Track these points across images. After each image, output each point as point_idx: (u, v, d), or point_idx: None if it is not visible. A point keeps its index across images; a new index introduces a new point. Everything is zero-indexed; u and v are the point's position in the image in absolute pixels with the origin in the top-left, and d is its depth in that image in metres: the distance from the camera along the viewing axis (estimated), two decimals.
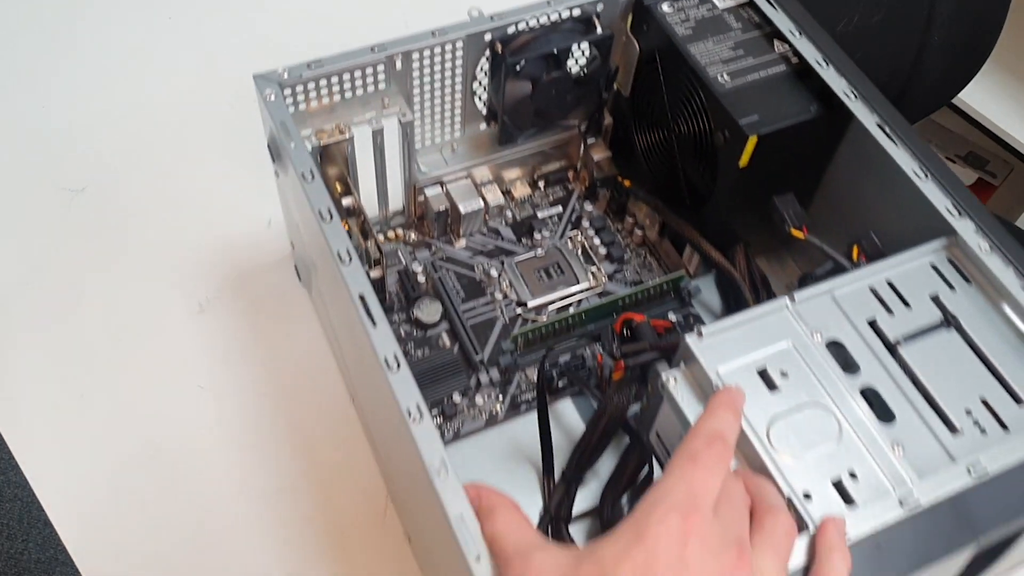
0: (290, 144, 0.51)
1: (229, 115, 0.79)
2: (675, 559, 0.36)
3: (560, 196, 0.71)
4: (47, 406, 0.64)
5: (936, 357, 0.48)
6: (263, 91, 0.53)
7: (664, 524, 0.36)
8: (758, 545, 0.39)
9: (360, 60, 0.56)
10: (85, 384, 0.65)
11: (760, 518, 0.40)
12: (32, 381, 0.65)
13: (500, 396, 0.61)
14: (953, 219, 0.52)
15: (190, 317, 0.68)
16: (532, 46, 0.60)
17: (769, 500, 0.41)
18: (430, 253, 0.67)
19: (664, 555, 0.36)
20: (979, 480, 0.43)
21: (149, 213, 0.74)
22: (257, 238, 0.72)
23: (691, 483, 0.39)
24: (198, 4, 0.88)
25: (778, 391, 0.46)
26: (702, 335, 0.48)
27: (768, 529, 0.39)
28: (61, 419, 0.63)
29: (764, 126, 0.56)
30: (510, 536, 0.39)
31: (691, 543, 0.36)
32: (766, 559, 0.38)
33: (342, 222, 0.49)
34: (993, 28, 0.88)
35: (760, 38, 0.61)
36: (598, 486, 0.58)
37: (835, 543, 0.40)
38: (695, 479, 0.39)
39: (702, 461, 0.39)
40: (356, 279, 0.47)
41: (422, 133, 0.64)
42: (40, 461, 0.61)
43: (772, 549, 0.39)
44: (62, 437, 0.63)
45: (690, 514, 0.37)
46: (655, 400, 0.50)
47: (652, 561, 0.35)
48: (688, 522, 0.37)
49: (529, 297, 0.65)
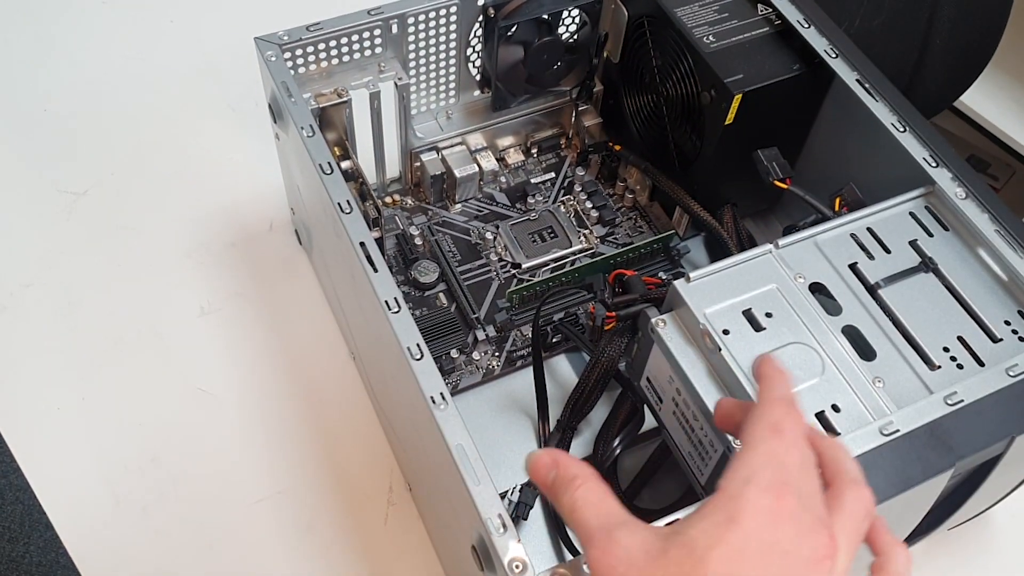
0: (291, 102, 0.53)
1: (233, 118, 0.80)
2: (768, 543, 0.34)
3: (553, 163, 0.73)
4: (49, 409, 0.64)
5: (915, 298, 0.50)
6: (264, 52, 0.55)
7: (757, 505, 0.34)
8: (838, 523, 0.36)
9: (357, 23, 0.57)
10: (87, 387, 0.65)
11: (840, 492, 0.37)
12: (34, 384, 0.65)
13: (496, 352, 0.63)
14: (931, 169, 0.54)
15: (192, 319, 0.69)
16: (523, 11, 0.62)
17: (849, 472, 0.38)
18: (427, 218, 0.69)
19: (756, 538, 0.33)
20: (956, 409, 0.45)
21: (151, 216, 0.74)
22: (259, 240, 0.73)
23: (781, 459, 0.36)
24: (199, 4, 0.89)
25: (764, 331, 0.48)
26: (690, 280, 0.49)
27: (849, 508, 0.36)
28: (63, 422, 0.64)
29: (748, 84, 0.58)
30: (592, 508, 0.36)
31: (784, 526, 0.34)
32: (843, 537, 0.35)
33: None
34: (995, 31, 0.88)
35: (743, 1, 0.63)
36: (592, 435, 0.60)
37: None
38: (784, 454, 0.36)
39: (787, 432, 0.37)
40: (356, 228, 0.48)
41: (417, 99, 0.66)
42: (42, 464, 0.62)
43: (853, 528, 0.36)
44: (64, 440, 0.63)
45: (783, 495, 0.35)
46: (645, 344, 0.52)
47: (744, 545, 0.33)
48: (780, 503, 0.34)
49: (523, 259, 0.67)
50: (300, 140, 0.52)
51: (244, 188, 0.75)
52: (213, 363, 0.66)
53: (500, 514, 0.40)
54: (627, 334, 0.56)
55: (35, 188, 0.75)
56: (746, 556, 0.33)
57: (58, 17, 0.87)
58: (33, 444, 0.63)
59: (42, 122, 0.80)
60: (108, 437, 0.63)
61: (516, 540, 0.40)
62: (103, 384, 0.65)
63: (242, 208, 0.74)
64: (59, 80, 0.83)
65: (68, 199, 0.75)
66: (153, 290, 0.70)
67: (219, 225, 0.73)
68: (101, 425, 0.64)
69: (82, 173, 0.76)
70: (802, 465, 0.36)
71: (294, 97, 0.53)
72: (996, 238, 0.51)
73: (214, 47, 0.85)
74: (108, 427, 0.64)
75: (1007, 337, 0.49)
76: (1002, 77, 1.13)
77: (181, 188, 0.76)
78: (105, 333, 0.68)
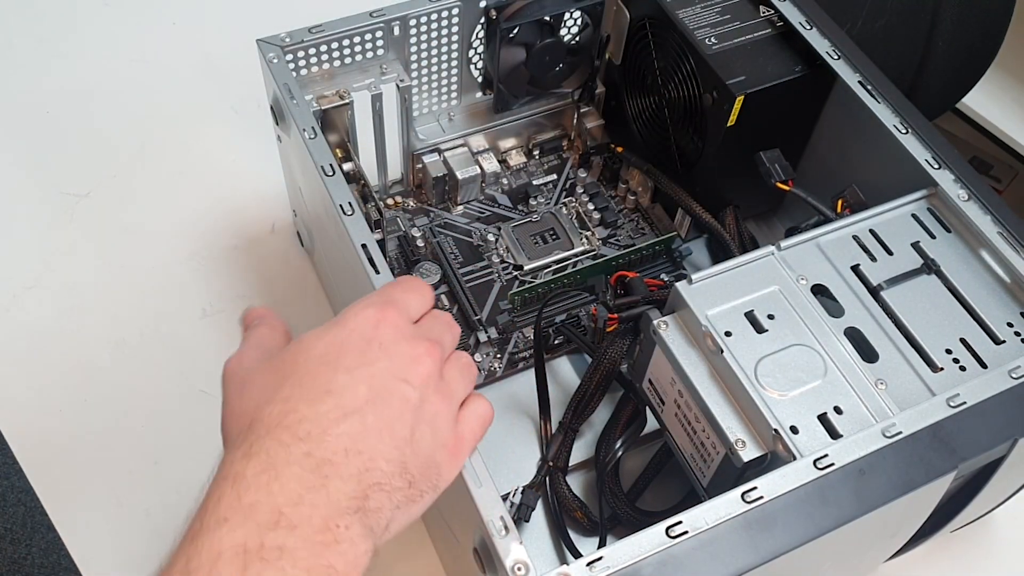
0: (293, 103, 0.53)
1: (235, 120, 0.80)
2: (367, 337, 0.39)
3: (555, 164, 0.73)
4: (52, 410, 0.64)
5: (917, 300, 0.50)
6: (266, 54, 0.55)
7: (361, 312, 0.40)
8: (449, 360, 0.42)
9: (359, 25, 0.57)
10: (89, 389, 0.65)
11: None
12: (37, 385, 0.65)
13: (499, 354, 0.63)
14: (933, 171, 0.54)
15: (194, 321, 0.69)
16: (525, 12, 0.62)
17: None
18: (428, 220, 0.69)
19: (357, 333, 0.39)
20: (958, 411, 0.45)
21: (153, 218, 0.74)
22: (262, 242, 0.73)
23: (388, 291, 0.43)
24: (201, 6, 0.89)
25: (766, 332, 0.48)
26: (692, 282, 0.49)
27: (454, 357, 0.42)
28: (66, 424, 0.64)
29: (750, 85, 0.58)
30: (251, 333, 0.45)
31: (383, 326, 0.40)
32: (454, 370, 0.41)
33: None
34: (997, 33, 0.88)
35: (746, 3, 0.63)
36: (594, 438, 0.59)
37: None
38: (392, 289, 0.43)
39: (401, 283, 0.44)
40: (358, 230, 0.48)
41: (419, 101, 0.66)
42: (44, 466, 0.62)
43: (459, 368, 0.42)
44: (66, 442, 0.63)
45: (386, 306, 0.40)
46: (647, 346, 0.52)
47: (345, 337, 0.39)
48: (383, 311, 0.40)
49: (525, 261, 0.67)
50: (302, 142, 0.52)
51: (246, 190, 0.75)
52: (216, 365, 0.66)
53: (502, 516, 0.40)
54: (629, 336, 0.56)
55: (37, 190, 0.75)
56: (346, 347, 0.39)
57: (60, 19, 0.87)
58: (36, 446, 0.63)
59: (44, 124, 0.80)
60: (111, 439, 0.63)
61: (518, 542, 0.40)
62: (105, 386, 0.65)
63: (244, 210, 0.74)
64: (61, 82, 0.83)
65: (70, 201, 0.75)
66: (155, 292, 0.70)
67: (221, 227, 0.73)
68: (104, 427, 0.64)
69: (84, 175, 0.76)
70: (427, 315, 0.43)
71: (296, 99, 0.53)
72: (999, 240, 0.51)
73: (216, 49, 0.85)
74: (111, 429, 0.63)
75: (1010, 339, 0.49)
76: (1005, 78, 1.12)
77: (183, 190, 0.76)
78: (107, 335, 0.68)
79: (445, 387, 0.40)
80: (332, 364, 0.38)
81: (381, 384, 0.38)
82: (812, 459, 0.43)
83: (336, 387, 0.38)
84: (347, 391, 0.38)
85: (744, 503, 0.41)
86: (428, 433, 0.38)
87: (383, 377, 0.38)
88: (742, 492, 0.41)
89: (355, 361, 0.38)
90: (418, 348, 0.40)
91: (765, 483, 0.42)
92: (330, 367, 0.38)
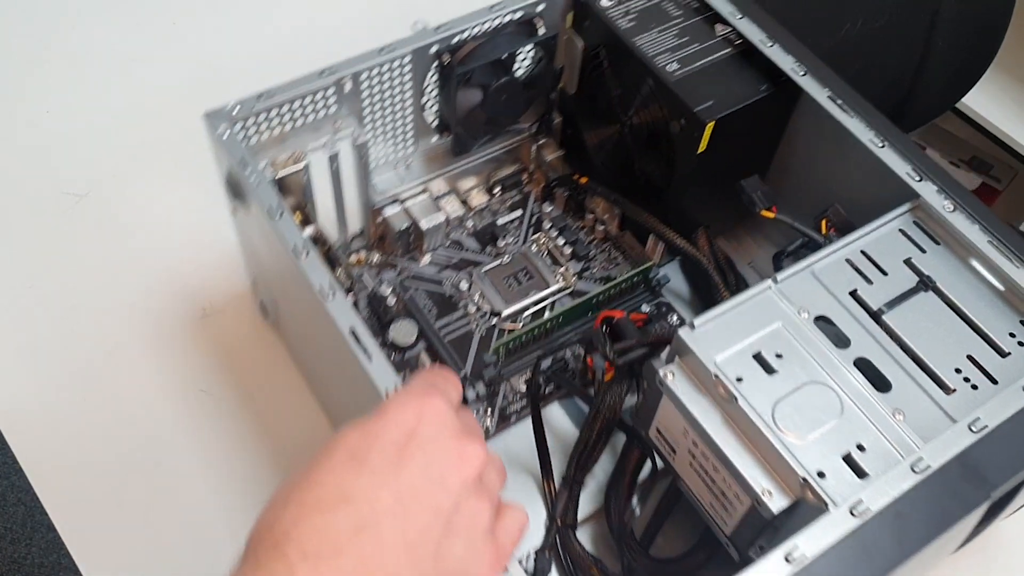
0: (252, 180, 0.49)
1: None
2: (407, 431, 0.36)
3: (517, 200, 0.71)
4: (51, 410, 0.63)
5: (919, 320, 0.49)
6: (216, 128, 0.51)
7: (403, 403, 0.38)
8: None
9: (310, 86, 0.54)
10: (89, 389, 0.64)
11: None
12: (36, 385, 0.64)
13: (489, 410, 0.60)
14: (914, 183, 0.53)
15: (193, 321, 0.67)
16: (478, 54, 0.59)
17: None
18: (396, 274, 0.66)
19: (395, 425, 0.36)
20: (982, 436, 0.44)
21: (152, 217, 0.73)
22: None
23: (431, 378, 0.40)
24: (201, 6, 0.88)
25: (776, 373, 0.47)
26: (694, 327, 0.48)
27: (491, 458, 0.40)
28: (65, 424, 0.63)
29: (719, 110, 0.56)
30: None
31: (427, 419, 0.37)
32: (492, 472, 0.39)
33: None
34: (997, 32, 0.88)
35: (700, 23, 0.61)
36: (597, 487, 0.58)
37: None
38: (435, 377, 0.41)
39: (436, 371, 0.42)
40: (343, 313, 0.45)
41: (376, 152, 0.63)
42: (44, 466, 0.61)
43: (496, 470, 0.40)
44: (66, 442, 0.62)
45: (428, 395, 0.38)
46: (652, 396, 0.50)
47: (380, 430, 0.36)
48: (424, 400, 0.37)
49: (502, 306, 0.64)
50: (267, 223, 0.48)
51: None
52: (215, 365, 0.65)
53: None
54: (625, 379, 0.54)
55: (36, 190, 0.75)
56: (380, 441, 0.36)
57: (59, 18, 0.86)
58: (35, 446, 0.62)
59: (43, 123, 0.79)
60: (110, 439, 0.62)
61: None
62: (105, 386, 0.64)
63: None
64: (60, 81, 0.82)
65: (69, 200, 0.74)
66: (154, 291, 0.69)
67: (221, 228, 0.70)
68: (103, 427, 0.63)
69: (83, 175, 0.75)
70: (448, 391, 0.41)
71: (254, 175, 0.49)
72: (989, 248, 0.50)
73: (216, 49, 0.84)
74: (110, 429, 0.62)
75: (1014, 350, 0.48)
76: (1005, 78, 1.13)
77: (182, 190, 0.74)
78: (107, 334, 0.67)
79: (484, 491, 0.37)
80: (359, 461, 0.35)
81: (409, 490, 0.35)
82: (847, 508, 0.41)
83: (356, 492, 0.35)
84: (366, 498, 0.35)
85: (787, 563, 0.40)
86: (460, 546, 0.36)
87: (413, 480, 0.35)
88: (785, 554, 0.40)
89: (384, 461, 0.35)
90: (466, 446, 0.37)
91: (804, 540, 0.40)
92: (355, 465, 0.35)
